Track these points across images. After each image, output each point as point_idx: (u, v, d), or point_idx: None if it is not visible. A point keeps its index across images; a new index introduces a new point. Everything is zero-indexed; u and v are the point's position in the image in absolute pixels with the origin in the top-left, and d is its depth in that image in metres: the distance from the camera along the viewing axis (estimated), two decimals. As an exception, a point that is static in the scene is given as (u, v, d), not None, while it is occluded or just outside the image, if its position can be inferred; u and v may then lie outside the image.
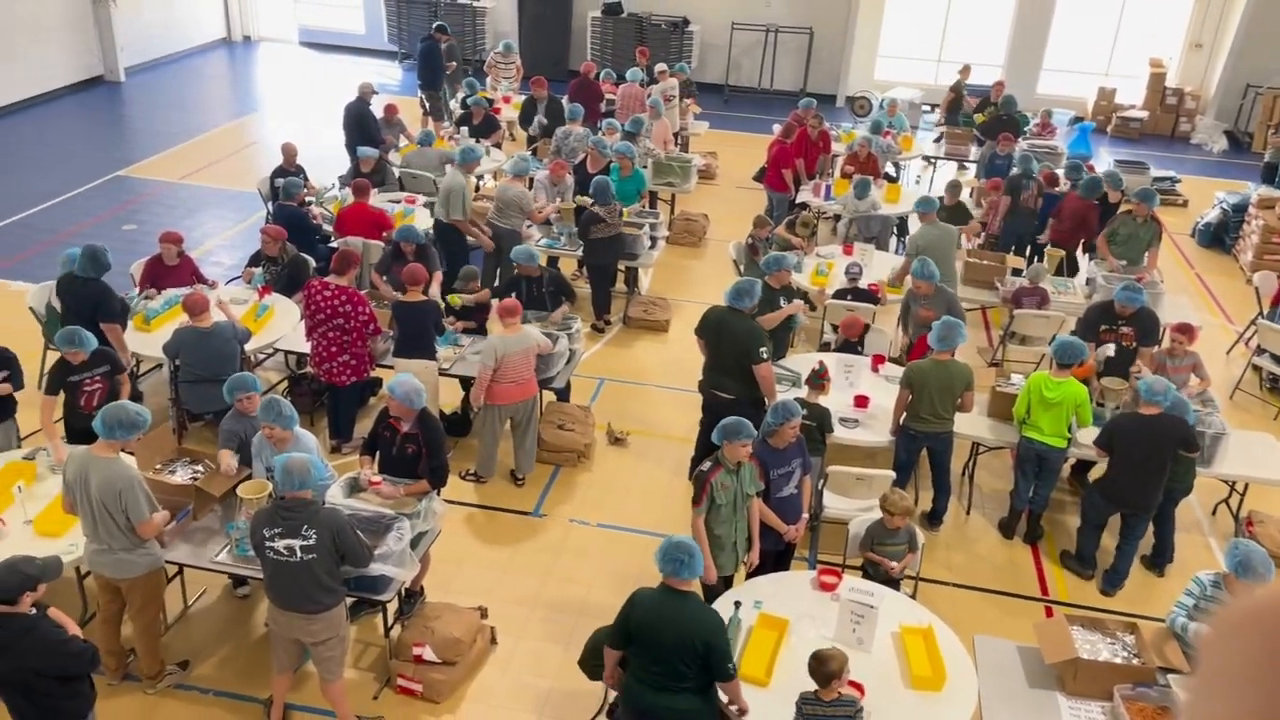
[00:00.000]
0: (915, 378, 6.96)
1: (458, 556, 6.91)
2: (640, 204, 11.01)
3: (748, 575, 6.00)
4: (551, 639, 6.28)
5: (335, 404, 7.88)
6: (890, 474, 6.79)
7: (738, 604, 5.32)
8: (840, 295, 8.99)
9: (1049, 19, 17.88)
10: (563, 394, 8.32)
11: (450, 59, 14.91)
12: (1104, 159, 15.43)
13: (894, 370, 7.85)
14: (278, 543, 4.94)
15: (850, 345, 8.33)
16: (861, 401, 7.50)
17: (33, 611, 4.51)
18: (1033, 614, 6.67)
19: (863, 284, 9.07)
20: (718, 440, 5.67)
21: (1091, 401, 7.15)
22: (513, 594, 6.63)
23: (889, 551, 6.00)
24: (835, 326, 8.62)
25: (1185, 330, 7.76)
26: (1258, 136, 17.19)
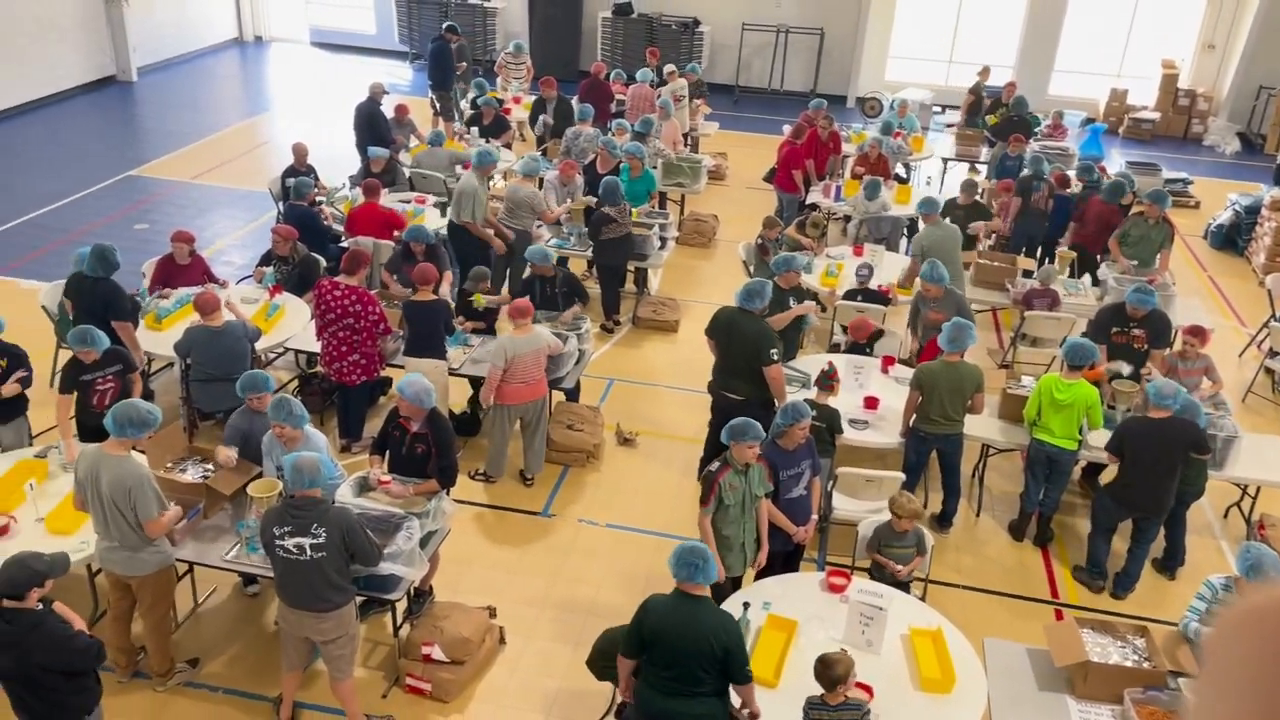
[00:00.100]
0: (925, 379, 6.95)
1: (467, 556, 6.92)
2: (650, 204, 11.01)
3: (756, 576, 6.00)
4: (560, 639, 6.29)
5: (345, 403, 7.90)
6: (900, 476, 6.78)
7: (746, 605, 5.31)
8: (850, 296, 8.97)
9: (1061, 20, 17.82)
10: (572, 394, 8.33)
11: (461, 59, 14.94)
12: (1115, 160, 15.37)
13: (904, 372, 7.83)
14: (288, 541, 4.96)
15: (859, 347, 8.31)
16: (871, 403, 7.49)
17: (39, 607, 4.53)
18: (1043, 616, 6.65)
19: (873, 285, 9.06)
20: (726, 441, 5.67)
21: (1102, 404, 7.12)
22: (521, 594, 6.64)
23: (896, 554, 5.98)
24: (845, 328, 8.61)
25: (1197, 333, 7.72)
26: (1270, 138, 17.11)
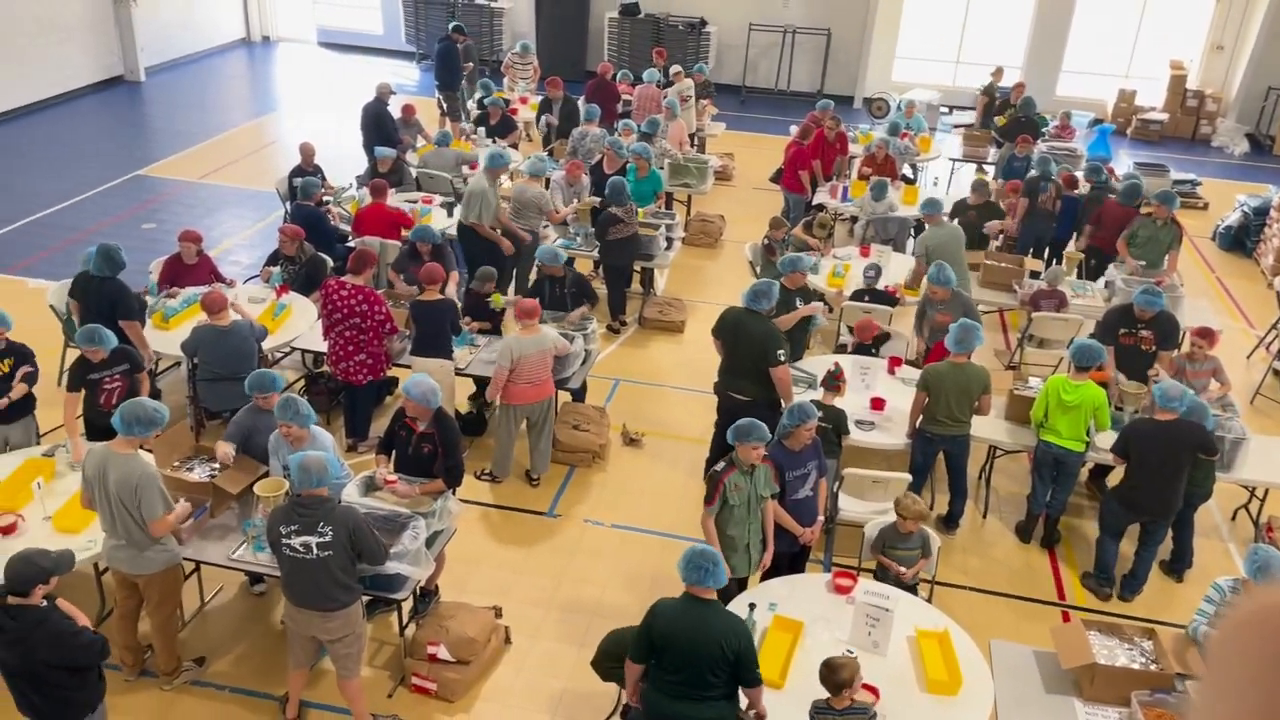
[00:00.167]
0: (932, 380, 6.93)
1: (473, 556, 6.92)
2: (656, 205, 11.00)
3: (763, 577, 5.99)
4: (566, 639, 6.28)
5: (352, 403, 7.91)
6: (906, 477, 6.77)
7: (752, 606, 5.31)
8: (858, 297, 8.96)
9: (1069, 20, 17.77)
10: (578, 394, 8.33)
11: (468, 59, 14.95)
12: (1123, 161, 15.33)
13: (910, 373, 7.82)
14: (294, 540, 4.96)
15: (865, 348, 8.30)
16: (878, 404, 7.48)
17: (44, 604, 4.55)
18: (1049, 618, 6.63)
19: (880, 286, 9.04)
20: (731, 441, 5.66)
21: (1110, 405, 7.10)
22: (527, 594, 6.64)
23: (901, 556, 5.97)
24: (851, 329, 8.59)
25: (1205, 334, 7.70)
26: (1279, 139, 17.05)
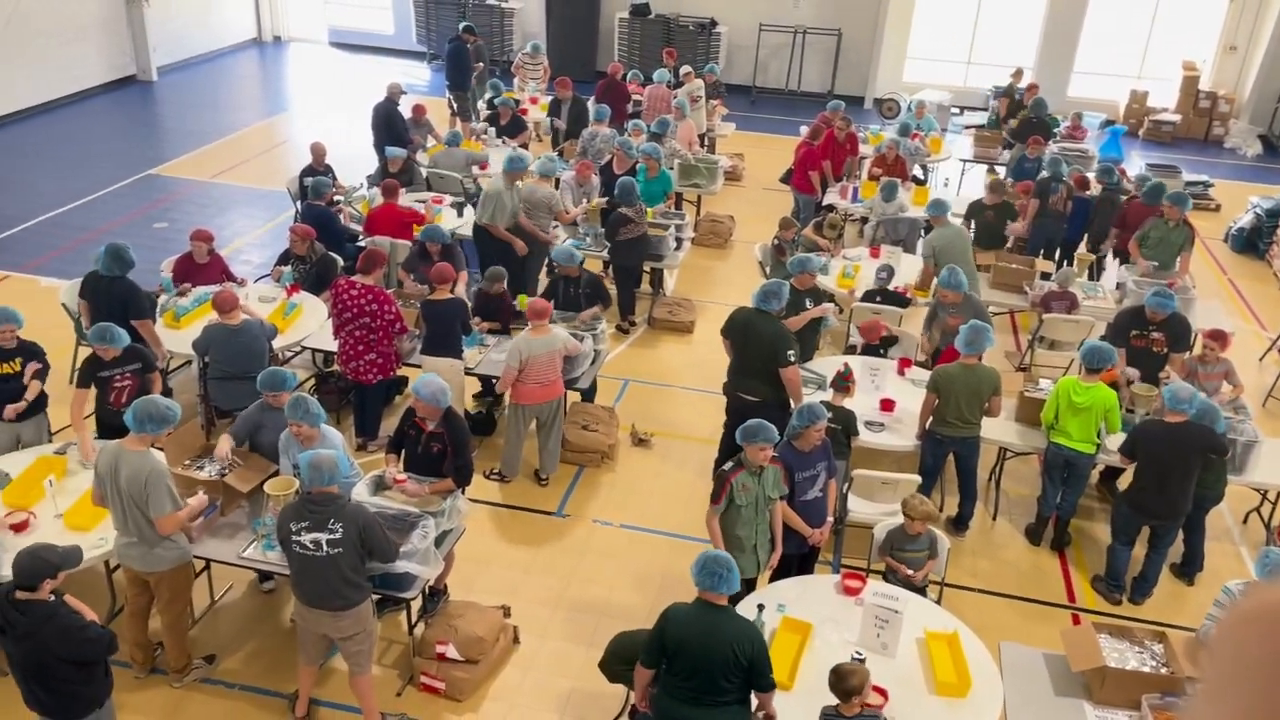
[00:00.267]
0: (942, 382, 6.91)
1: (481, 555, 6.93)
2: (666, 205, 10.99)
3: (771, 578, 5.98)
4: (574, 639, 6.29)
5: (361, 402, 7.93)
6: (915, 478, 6.75)
7: (761, 607, 5.30)
8: (869, 297, 8.94)
9: (1080, 21, 17.70)
10: (588, 394, 8.33)
11: (478, 60, 14.97)
12: (1135, 163, 15.26)
13: (920, 374, 7.79)
14: (304, 536, 4.98)
15: (873, 349, 8.28)
16: (887, 405, 7.46)
17: (52, 599, 4.57)
18: (1059, 621, 6.60)
19: (892, 287, 9.02)
20: (740, 441, 5.65)
21: (1121, 408, 7.07)
22: (536, 593, 6.64)
23: (909, 558, 5.95)
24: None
25: (1218, 336, 7.66)
26: (1293, 140, 16.98)
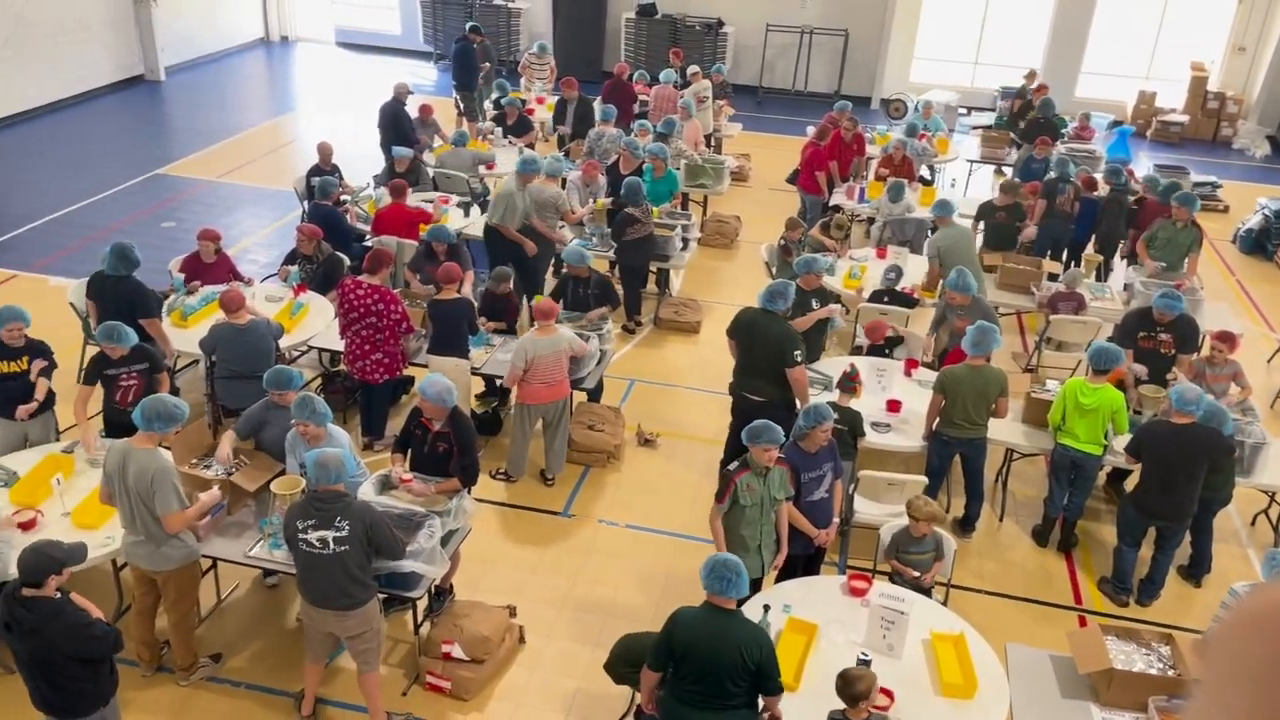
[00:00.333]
0: (949, 383, 6.90)
1: (487, 555, 6.93)
2: (672, 205, 10.98)
3: (777, 579, 5.97)
4: (579, 639, 6.29)
5: (368, 401, 7.94)
6: (922, 480, 6.74)
7: (767, 608, 5.29)
8: (877, 298, 8.93)
9: (1088, 21, 17.65)
10: (594, 394, 8.33)
11: (485, 60, 14.98)
12: (1143, 163, 15.22)
13: (927, 375, 7.78)
14: (310, 534, 4.99)
15: (878, 349, 8.27)
16: (894, 406, 7.45)
17: (58, 596, 4.57)
18: (1066, 623, 6.59)
19: (900, 287, 9.00)
20: (745, 442, 5.65)
21: (1129, 409, 7.05)
22: (541, 593, 6.65)
23: (914, 560, 5.93)
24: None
25: (1226, 338, 7.64)
26: (1302, 141, 16.92)
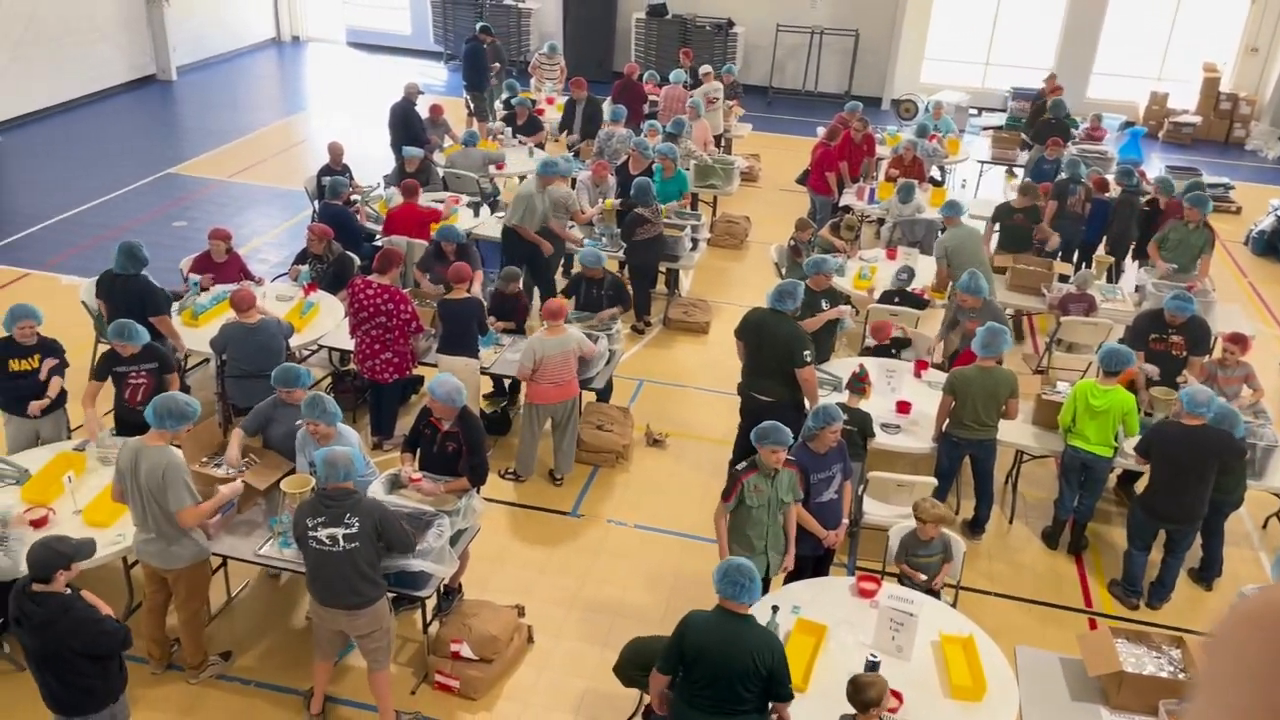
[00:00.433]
0: (959, 384, 6.88)
1: (496, 555, 6.94)
2: (681, 204, 10.98)
3: (786, 580, 5.96)
4: (588, 639, 6.29)
5: (377, 401, 7.96)
6: (931, 481, 6.72)
7: (775, 609, 5.29)
8: (888, 298, 8.92)
9: (1100, 22, 17.59)
10: (603, 395, 8.34)
11: (495, 60, 15.00)
12: (1155, 165, 15.16)
13: (937, 376, 7.76)
14: (320, 532, 5.00)
15: (884, 349, 8.25)
16: (904, 407, 7.43)
17: (67, 591, 4.58)
18: (1076, 625, 6.57)
19: (911, 288, 8.98)
20: (754, 443, 5.64)
21: (1140, 411, 7.02)
22: (550, 593, 6.65)
23: (923, 563, 5.91)
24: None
25: (1238, 340, 7.60)
26: (1315, 143, 16.82)
